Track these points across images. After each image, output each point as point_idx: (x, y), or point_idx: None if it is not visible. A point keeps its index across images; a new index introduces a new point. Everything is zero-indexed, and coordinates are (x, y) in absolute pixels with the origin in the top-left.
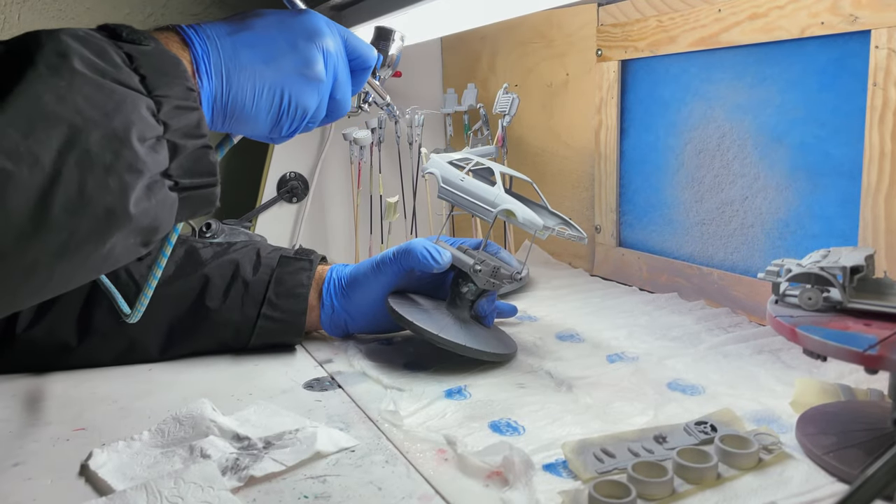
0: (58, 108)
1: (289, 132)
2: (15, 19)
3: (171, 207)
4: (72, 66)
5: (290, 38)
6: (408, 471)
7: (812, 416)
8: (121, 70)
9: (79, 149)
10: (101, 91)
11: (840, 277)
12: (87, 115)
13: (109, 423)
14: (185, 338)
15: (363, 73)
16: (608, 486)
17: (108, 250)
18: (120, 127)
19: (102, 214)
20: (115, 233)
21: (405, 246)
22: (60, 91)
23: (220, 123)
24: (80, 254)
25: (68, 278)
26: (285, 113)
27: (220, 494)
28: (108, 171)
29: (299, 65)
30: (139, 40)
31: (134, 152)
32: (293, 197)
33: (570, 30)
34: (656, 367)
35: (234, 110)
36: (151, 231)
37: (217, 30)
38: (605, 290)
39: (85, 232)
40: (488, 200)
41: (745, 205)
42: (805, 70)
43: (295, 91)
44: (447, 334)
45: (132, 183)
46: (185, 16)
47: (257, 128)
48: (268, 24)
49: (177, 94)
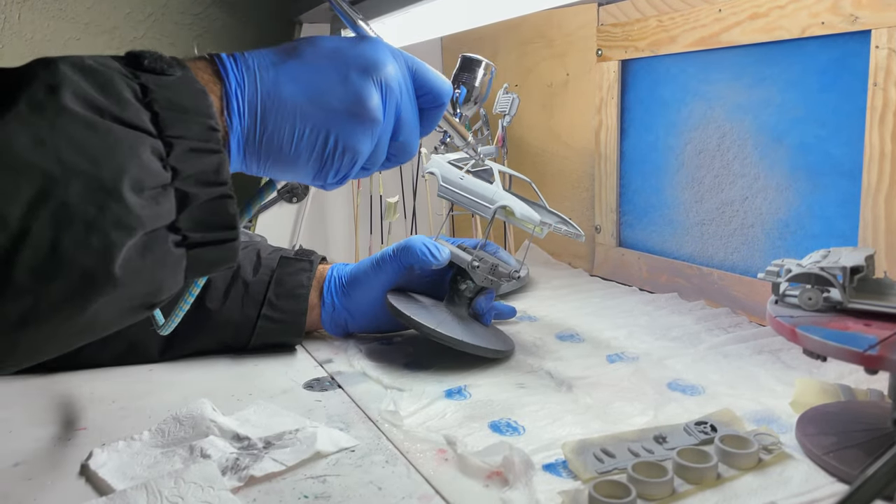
0: (33, 153)
1: (336, 179)
2: (15, 19)
3: (176, 266)
4: (60, 104)
5: (342, 70)
6: (408, 471)
7: (812, 416)
8: (126, 107)
9: (54, 202)
10: (93, 133)
11: (840, 277)
12: (69, 161)
13: (109, 423)
14: (186, 338)
15: (435, 111)
16: (608, 487)
17: (90, 317)
18: (108, 176)
19: (78, 278)
20: (95, 298)
21: (404, 242)
22: (40, 133)
23: (254, 167)
24: (49, 323)
25: (39, 348)
26: (330, 157)
27: (220, 494)
28: (89, 227)
29: (349, 102)
30: (161, 69)
31: (124, 205)
32: (293, 197)
33: (570, 30)
34: (656, 367)
35: (270, 153)
36: (151, 293)
37: (261, 59)
38: (605, 290)
39: (55, 299)
40: (487, 198)
41: (745, 205)
42: (805, 70)
43: (343, 132)
44: (445, 329)
45: (119, 241)
46: (186, 16)
47: (298, 172)
48: (319, 52)
49: (194, 135)
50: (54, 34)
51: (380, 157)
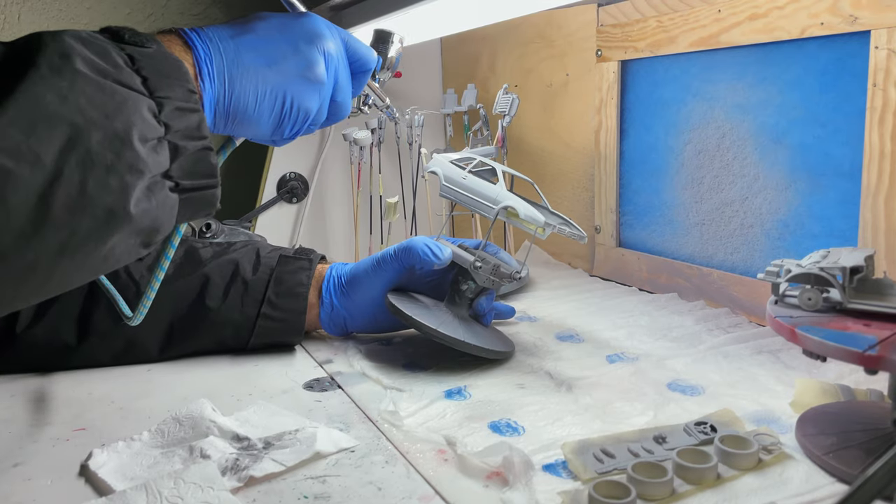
0: (60, 108)
1: (290, 135)
2: (15, 19)
3: (172, 208)
4: (74, 67)
5: (292, 41)
6: (408, 471)
7: (812, 416)
8: (122, 71)
9: (80, 148)
10: (103, 92)
11: (840, 278)
12: (89, 115)
13: (109, 424)
14: (185, 337)
15: (363, 75)
16: (608, 487)
17: (108, 250)
18: (121, 127)
19: (103, 214)
20: (115, 233)
21: (406, 243)
22: (63, 91)
23: (222, 126)
24: (80, 253)
25: (68, 278)
26: (287, 115)
27: (219, 495)
28: (109, 170)
29: (301, 67)
30: (141, 42)
31: (135, 153)
32: (293, 197)
33: (570, 30)
34: (656, 368)
35: (237, 113)
36: (152, 232)
37: (219, 32)
38: (604, 290)
39: (85, 231)
40: (490, 198)
41: (744, 205)
42: (805, 70)
43: (297, 93)
44: (446, 330)
45: (133, 183)
46: (186, 16)
47: (259, 130)
48: (270, 26)
49: (178, 96)
50: None
51: (322, 115)
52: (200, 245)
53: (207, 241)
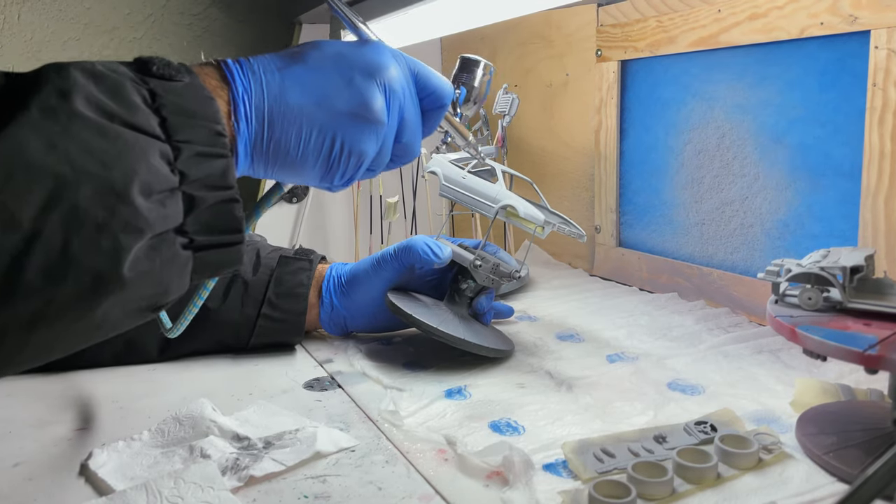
0: (45, 157)
1: (343, 181)
2: (15, 19)
3: (184, 267)
4: (72, 108)
5: (347, 74)
6: (408, 471)
7: (812, 416)
8: (136, 112)
9: (65, 205)
10: (104, 137)
11: (840, 277)
12: (80, 165)
13: (109, 423)
14: (185, 338)
15: (437, 112)
16: (608, 486)
17: (100, 318)
18: (119, 179)
19: (89, 279)
20: (105, 300)
21: (406, 243)
22: (52, 138)
23: (261, 171)
24: (59, 323)
25: (48, 348)
26: (336, 160)
27: (220, 494)
28: (99, 230)
29: (354, 105)
30: (170, 75)
31: (134, 208)
32: (293, 197)
33: (569, 30)
34: (656, 367)
35: (277, 157)
36: (158, 295)
37: (265, 64)
38: (604, 290)
39: (66, 299)
40: (490, 197)
41: (744, 205)
42: (805, 70)
43: (349, 135)
44: (446, 328)
45: (128, 244)
46: (186, 16)
47: (305, 175)
48: (323, 56)
49: (201, 139)
50: (54, 34)
51: (384, 158)
52: None
53: None
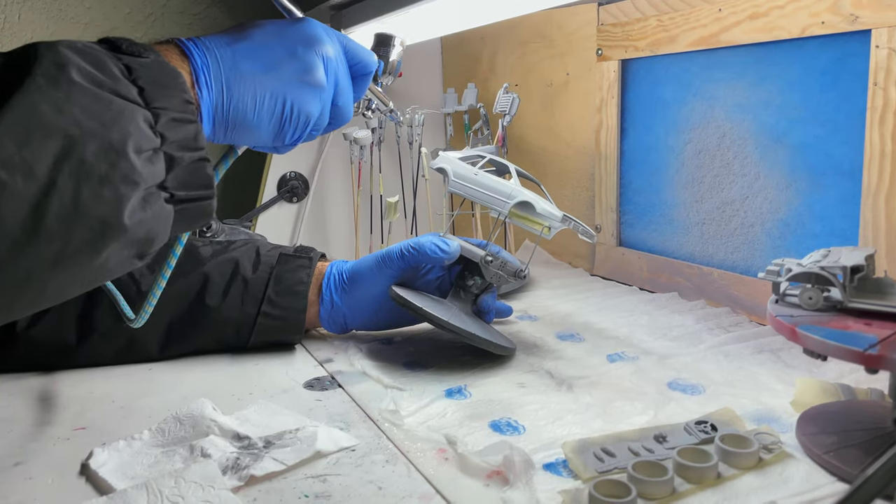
0: (55, 118)
1: (292, 140)
2: (15, 19)
3: (167, 219)
4: (70, 77)
5: (289, 46)
6: (408, 470)
7: (812, 415)
8: (119, 82)
9: (74, 159)
10: (99, 102)
11: (840, 277)
12: (84, 125)
13: (110, 423)
14: (185, 336)
15: (364, 78)
16: (608, 486)
17: (102, 261)
18: (117, 138)
19: (97, 225)
20: (109, 244)
21: (415, 242)
22: (58, 102)
23: (222, 135)
24: (74, 264)
25: (62, 289)
26: (288, 120)
27: (220, 494)
28: (103, 181)
29: (300, 72)
30: (138, 52)
31: (130, 164)
32: (293, 197)
33: (570, 29)
34: (656, 367)
35: (236, 120)
36: (146, 242)
37: (216, 41)
38: (605, 289)
39: (79, 242)
40: (504, 193)
41: (745, 204)
42: (805, 70)
43: (297, 98)
44: (457, 322)
45: (127, 194)
46: (186, 15)
47: (260, 137)
48: (266, 33)
49: (174, 107)
50: (54, 34)
51: (324, 119)
52: (200, 244)
53: (207, 240)
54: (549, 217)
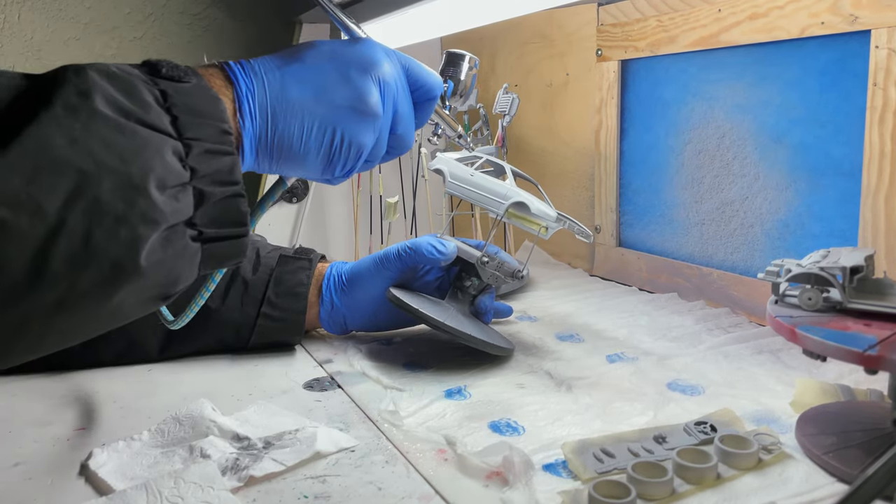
0: (69, 152)
1: (343, 172)
2: (15, 19)
3: (192, 259)
4: (92, 107)
5: (343, 70)
6: (408, 471)
7: (812, 416)
8: (150, 110)
9: (87, 197)
10: (122, 134)
11: (840, 277)
12: (101, 160)
13: (109, 423)
14: (185, 337)
15: (428, 104)
16: (608, 487)
17: (115, 305)
18: (137, 173)
19: (109, 268)
20: (122, 286)
21: (412, 243)
22: (74, 133)
23: (266, 166)
24: (80, 310)
25: (68, 334)
26: (337, 151)
27: (219, 494)
28: (119, 221)
29: (352, 99)
30: (178, 77)
31: (150, 201)
32: (293, 197)
33: (570, 30)
34: (656, 367)
35: (281, 151)
36: (169, 284)
37: (265, 64)
38: (604, 290)
39: (87, 286)
40: (500, 193)
41: (744, 205)
42: (805, 70)
43: (348, 128)
44: (453, 323)
45: (146, 234)
46: (186, 15)
47: (308, 168)
48: (320, 54)
49: (209, 137)
50: (54, 34)
51: (381, 149)
52: None
53: None
54: (544, 217)
